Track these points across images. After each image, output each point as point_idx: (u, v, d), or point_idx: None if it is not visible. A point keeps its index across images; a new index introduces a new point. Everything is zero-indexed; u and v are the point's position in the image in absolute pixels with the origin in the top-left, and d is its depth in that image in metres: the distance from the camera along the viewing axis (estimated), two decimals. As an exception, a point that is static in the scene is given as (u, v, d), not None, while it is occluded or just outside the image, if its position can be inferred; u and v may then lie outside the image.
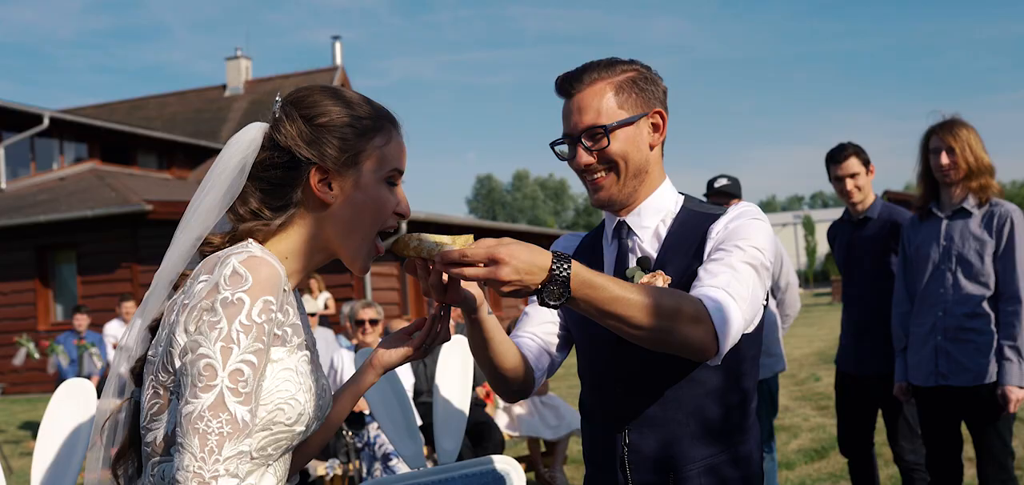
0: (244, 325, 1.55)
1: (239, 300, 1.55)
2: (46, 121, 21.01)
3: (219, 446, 1.51)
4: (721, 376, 2.14)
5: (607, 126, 2.12)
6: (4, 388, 17.64)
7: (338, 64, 25.23)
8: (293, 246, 1.76)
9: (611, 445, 2.20)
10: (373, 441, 6.64)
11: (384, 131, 1.79)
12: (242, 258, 1.59)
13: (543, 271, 1.77)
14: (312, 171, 1.72)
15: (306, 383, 1.69)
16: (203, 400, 1.52)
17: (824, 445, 8.04)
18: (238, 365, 1.54)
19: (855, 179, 4.93)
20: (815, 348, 16.90)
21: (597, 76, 2.16)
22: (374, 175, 1.76)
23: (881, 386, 4.90)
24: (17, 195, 20.31)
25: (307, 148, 1.71)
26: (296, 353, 1.69)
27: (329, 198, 1.73)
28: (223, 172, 1.72)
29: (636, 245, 2.21)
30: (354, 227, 1.76)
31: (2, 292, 18.43)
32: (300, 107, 1.75)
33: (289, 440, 1.71)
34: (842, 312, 5.21)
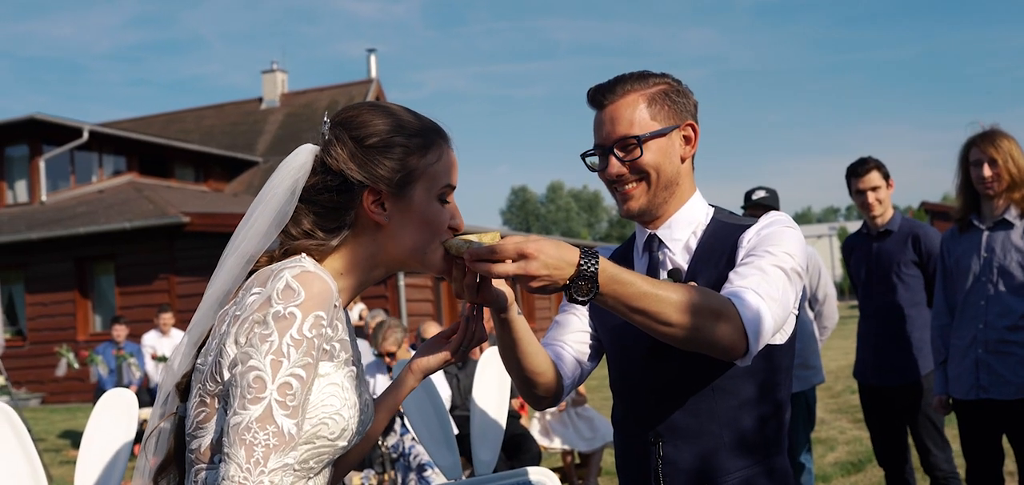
0: (295, 339, 1.56)
1: (291, 314, 1.56)
2: (86, 135, 21.29)
3: (265, 458, 1.52)
4: (755, 387, 2.13)
5: (640, 137, 2.13)
6: (44, 397, 17.88)
7: (373, 76, 25.37)
8: (348, 264, 1.77)
9: (644, 457, 2.19)
10: (408, 451, 6.66)
11: (435, 148, 1.78)
12: (296, 273, 1.60)
13: (571, 266, 1.78)
14: (365, 194, 1.72)
15: (351, 399, 1.70)
16: (252, 412, 1.53)
17: (861, 458, 7.96)
18: (287, 379, 1.55)
19: (876, 192, 4.98)
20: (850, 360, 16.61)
21: (629, 88, 2.17)
22: (427, 193, 1.76)
23: (903, 397, 4.89)
24: (57, 208, 20.59)
25: (359, 171, 1.71)
26: (343, 368, 1.70)
27: (382, 219, 1.74)
28: (274, 195, 1.72)
29: (667, 257, 2.21)
30: (411, 244, 1.77)
31: (42, 303, 18.69)
32: (350, 128, 1.74)
33: (331, 454, 1.71)
34: (859, 325, 5.21)
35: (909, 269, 4.89)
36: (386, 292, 16.15)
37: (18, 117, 21.20)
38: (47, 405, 17.55)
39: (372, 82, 25.17)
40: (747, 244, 2.11)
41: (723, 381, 2.11)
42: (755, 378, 2.13)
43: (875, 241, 5.06)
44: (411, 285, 16.67)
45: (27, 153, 21.52)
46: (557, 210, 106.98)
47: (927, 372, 4.84)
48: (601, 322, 2.32)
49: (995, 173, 4.24)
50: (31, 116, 20.87)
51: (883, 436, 5.13)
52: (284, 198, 1.72)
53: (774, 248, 2.06)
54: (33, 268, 18.71)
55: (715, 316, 1.88)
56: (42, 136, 21.37)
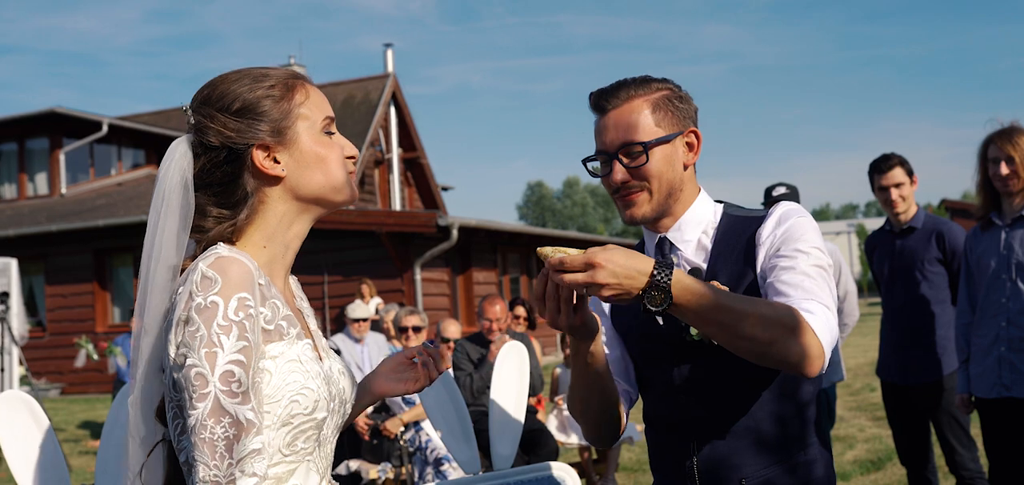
0: (222, 326, 1.54)
1: (213, 303, 1.55)
2: (105, 128, 21.41)
3: (228, 449, 1.51)
4: (785, 379, 2.12)
5: (646, 143, 2.10)
6: (63, 388, 18.02)
7: (390, 71, 25.37)
8: (266, 232, 1.76)
9: (680, 455, 2.18)
10: (425, 445, 6.67)
11: (299, 89, 1.79)
12: (209, 262, 1.59)
13: (644, 276, 1.79)
14: (253, 153, 1.72)
15: (313, 369, 1.69)
16: (201, 409, 1.52)
17: (880, 456, 7.92)
18: (227, 367, 1.53)
19: (900, 189, 4.95)
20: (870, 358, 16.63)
21: (633, 93, 2.14)
22: (311, 130, 1.77)
23: (927, 396, 4.86)
24: (77, 200, 20.73)
25: (239, 134, 1.72)
26: (297, 344, 1.69)
27: (279, 171, 1.74)
28: (170, 195, 1.70)
29: (681, 259, 2.19)
30: (317, 183, 1.77)
31: (62, 294, 18.82)
32: (213, 103, 1.74)
33: (315, 429, 1.70)
34: (882, 322, 5.18)
35: (933, 266, 4.86)
36: (402, 286, 16.18)
37: (39, 110, 21.38)
38: (66, 396, 17.68)
39: (388, 76, 25.19)
40: (767, 241, 2.09)
41: (753, 374, 2.09)
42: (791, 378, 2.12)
43: (898, 238, 5.02)
44: (428, 279, 16.69)
45: (47, 146, 21.68)
46: (573, 206, 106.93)
47: (951, 371, 4.81)
48: (621, 324, 2.31)
49: (1012, 171, 4.21)
50: (51, 109, 21.02)
51: (906, 435, 5.10)
52: (180, 193, 1.70)
53: (804, 246, 2.05)
54: (53, 260, 18.84)
55: (790, 331, 1.88)
56: (62, 129, 21.53)
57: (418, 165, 26.70)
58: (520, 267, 22.11)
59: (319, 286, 16.29)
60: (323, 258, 16.17)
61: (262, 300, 1.64)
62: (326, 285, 16.34)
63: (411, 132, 26.07)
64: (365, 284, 13.99)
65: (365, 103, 24.49)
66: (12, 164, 22.20)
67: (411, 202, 26.55)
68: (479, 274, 19.25)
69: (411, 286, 16.28)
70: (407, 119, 25.83)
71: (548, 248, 1.84)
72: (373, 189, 24.51)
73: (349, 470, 6.84)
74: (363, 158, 23.11)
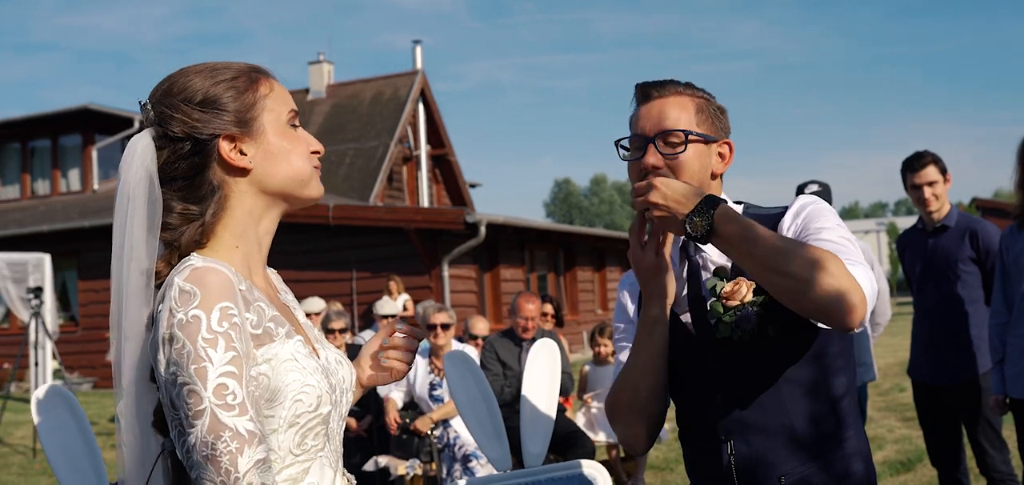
0: (208, 339, 1.50)
1: (194, 317, 1.50)
2: (136, 124, 21.09)
3: (234, 464, 1.47)
4: (819, 374, 2.12)
5: (687, 132, 2.13)
6: (95, 382, 18.21)
7: (419, 68, 25.44)
8: (236, 230, 1.72)
9: (717, 457, 2.17)
10: (453, 442, 6.69)
11: (263, 81, 1.76)
12: (185, 275, 1.54)
13: (691, 201, 1.95)
14: (219, 144, 1.69)
15: (310, 365, 1.66)
16: (198, 427, 1.48)
17: (910, 457, 7.86)
18: (219, 381, 1.49)
19: (933, 187, 4.89)
20: (899, 358, 16.49)
21: (681, 89, 2.19)
22: (276, 122, 1.74)
23: (959, 397, 4.81)
24: (108, 196, 20.93)
25: (204, 125, 1.68)
26: (288, 342, 1.65)
27: (246, 163, 1.71)
28: (135, 193, 1.66)
29: (706, 260, 2.18)
30: (290, 174, 1.74)
31: (94, 289, 19.02)
32: (177, 95, 1.70)
33: (322, 424, 1.68)
34: (914, 322, 5.13)
35: (966, 265, 4.81)
36: (430, 283, 16.22)
37: (72, 107, 21.61)
38: (98, 390, 17.87)
39: (417, 73, 25.25)
40: (790, 230, 2.10)
41: (787, 370, 2.09)
42: (820, 363, 2.12)
43: (931, 237, 4.97)
44: (455, 276, 16.73)
45: (80, 143, 21.91)
46: (600, 203, 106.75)
47: (985, 371, 4.76)
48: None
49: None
50: (84, 106, 21.24)
51: (937, 436, 5.05)
52: (146, 189, 1.66)
53: (828, 223, 2.06)
54: (85, 255, 19.04)
55: (831, 274, 1.87)
56: (95, 126, 21.75)
57: (446, 162, 26.76)
58: (547, 265, 22.10)
59: (347, 282, 16.36)
60: (351, 255, 16.24)
61: (246, 306, 1.60)
62: (354, 281, 16.41)
63: (439, 129, 26.13)
64: (393, 281, 14.05)
65: (394, 100, 24.57)
66: (45, 160, 22.46)
67: (439, 199, 26.61)
68: (506, 271, 19.26)
69: (439, 283, 16.32)
70: (435, 116, 25.89)
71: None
72: (401, 186, 24.58)
73: (378, 466, 6.87)
74: (391, 155, 23.19)
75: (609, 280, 24.74)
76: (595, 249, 24.48)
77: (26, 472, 9.61)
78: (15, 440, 11.37)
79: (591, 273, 24.06)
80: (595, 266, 24.34)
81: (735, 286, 2.07)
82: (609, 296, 24.55)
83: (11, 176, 22.83)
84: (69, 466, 2.78)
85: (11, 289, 14.37)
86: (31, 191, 22.46)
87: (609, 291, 24.61)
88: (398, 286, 14.05)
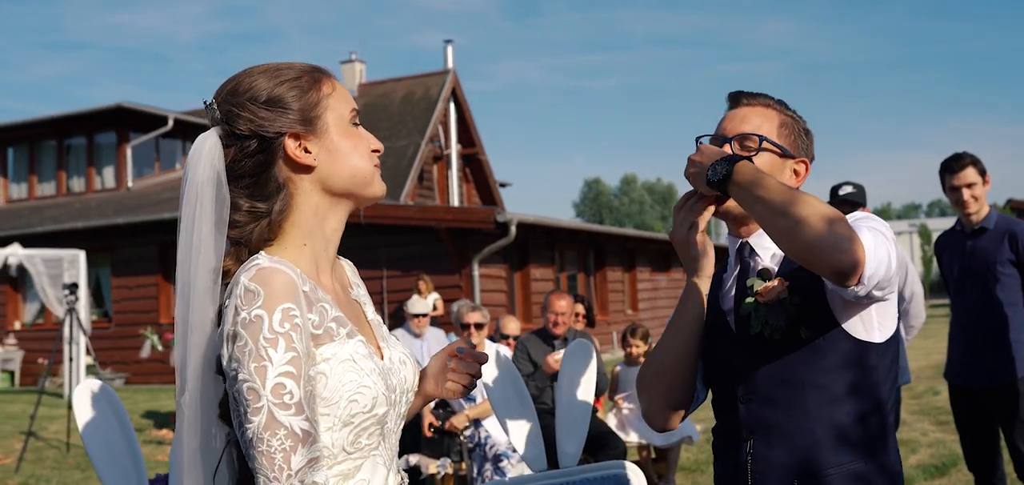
0: (269, 339, 1.55)
1: (257, 317, 1.55)
2: (170, 123, 21.82)
3: (286, 461, 1.53)
4: (849, 383, 2.10)
5: (763, 137, 2.21)
6: (128, 378, 18.40)
7: (450, 67, 25.47)
8: (304, 228, 1.75)
9: (736, 454, 2.18)
10: (484, 442, 6.70)
11: (326, 81, 1.79)
12: (251, 275, 1.59)
13: (717, 155, 2.09)
14: (285, 141, 1.72)
15: (367, 366, 1.68)
16: (256, 423, 1.53)
17: (944, 461, 7.78)
18: (277, 380, 1.54)
19: (972, 189, 4.84)
20: (933, 361, 16.34)
21: (770, 102, 2.28)
22: (339, 120, 1.77)
23: (997, 400, 4.76)
24: (142, 193, 21.15)
25: (269, 123, 1.71)
26: (348, 343, 1.68)
27: (310, 160, 1.73)
28: (203, 192, 1.68)
29: (758, 263, 2.21)
30: (352, 172, 1.77)
31: (127, 286, 19.22)
32: (243, 94, 1.73)
33: (377, 424, 1.71)
34: (951, 324, 5.08)
35: (1005, 268, 4.76)
36: (460, 282, 16.25)
37: (106, 105, 21.83)
38: (130, 385, 18.05)
39: (449, 73, 25.29)
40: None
41: (815, 376, 2.09)
42: (850, 374, 2.10)
43: (970, 239, 4.93)
44: (486, 276, 16.74)
45: (115, 140, 22.15)
46: (630, 203, 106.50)
47: (1023, 374, 4.71)
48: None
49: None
50: (119, 104, 21.45)
51: (974, 439, 5.00)
52: (213, 188, 1.69)
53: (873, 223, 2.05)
54: (119, 252, 19.24)
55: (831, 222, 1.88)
56: (129, 124, 21.98)
57: (477, 161, 26.78)
58: (577, 264, 22.07)
59: (378, 281, 16.42)
60: (382, 253, 16.30)
61: (309, 306, 1.64)
62: (385, 280, 16.47)
63: (470, 128, 26.16)
64: (423, 280, 14.08)
65: (425, 99, 24.63)
66: (81, 158, 22.73)
67: (469, 198, 26.64)
68: (536, 271, 19.26)
69: (469, 282, 16.35)
70: (466, 115, 25.92)
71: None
72: (432, 185, 24.64)
73: (409, 465, 6.90)
74: (422, 154, 23.24)
75: (639, 280, 24.67)
76: (625, 249, 24.41)
77: (60, 466, 9.72)
78: (49, 434, 11.51)
79: (621, 273, 24.00)
80: (625, 266, 24.27)
81: (768, 286, 2.10)
82: (639, 296, 24.48)
83: (47, 173, 23.11)
84: (109, 461, 2.82)
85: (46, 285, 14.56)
86: (66, 188, 22.73)
87: (639, 291, 24.54)
88: (428, 285, 14.08)
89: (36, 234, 18.57)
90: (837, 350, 2.10)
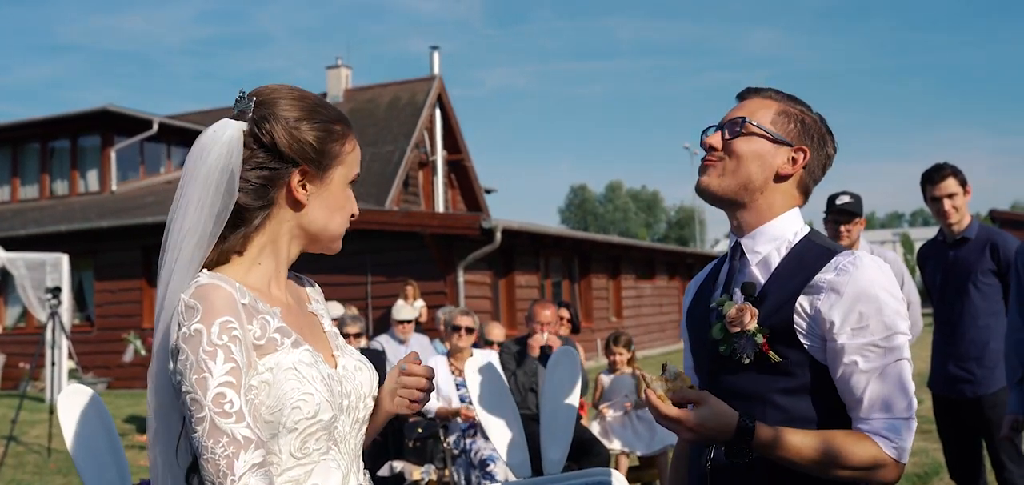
0: (208, 351, 1.60)
1: (197, 331, 1.62)
2: (155, 126, 21.73)
3: (230, 466, 1.58)
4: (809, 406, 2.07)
5: (746, 119, 2.18)
6: (110, 382, 18.29)
7: (436, 73, 25.48)
8: (271, 245, 1.82)
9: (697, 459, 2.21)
10: (469, 448, 6.69)
11: (351, 137, 1.86)
12: (190, 292, 1.65)
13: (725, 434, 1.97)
14: (293, 172, 1.78)
15: (311, 374, 1.72)
16: (199, 432, 1.59)
17: (927, 470, 7.82)
18: (218, 391, 1.60)
19: (953, 200, 4.86)
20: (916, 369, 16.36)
21: (773, 94, 2.25)
22: (343, 179, 1.85)
23: (979, 410, 4.79)
24: (126, 197, 21.06)
25: (289, 149, 1.77)
26: (293, 352, 1.73)
27: (303, 198, 1.80)
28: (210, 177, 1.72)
29: (746, 269, 2.18)
30: (324, 227, 1.84)
31: (110, 290, 19.12)
32: (281, 110, 1.78)
33: (323, 430, 1.74)
34: (934, 334, 5.10)
35: (986, 278, 4.79)
36: (445, 288, 16.24)
37: (91, 108, 21.76)
38: (113, 390, 17.94)
39: (435, 79, 25.29)
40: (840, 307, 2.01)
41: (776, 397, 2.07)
42: (813, 399, 2.07)
43: (951, 249, 4.95)
44: (470, 282, 16.74)
45: (99, 144, 22.05)
46: (615, 210, 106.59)
47: (1004, 385, 4.72)
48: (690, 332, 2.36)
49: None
50: (103, 107, 21.38)
51: (956, 449, 5.03)
52: (226, 178, 1.73)
53: (887, 339, 2.02)
54: (102, 256, 19.14)
55: (867, 469, 2.02)
56: (113, 127, 21.89)
57: (462, 167, 26.78)
58: (562, 271, 22.10)
59: (363, 286, 16.40)
60: (367, 259, 16.28)
61: (249, 318, 1.69)
62: (369, 286, 16.45)
63: (456, 134, 26.16)
64: (409, 285, 14.08)
65: (411, 105, 24.62)
66: (65, 161, 22.61)
67: (455, 204, 26.64)
68: (521, 277, 19.27)
69: (454, 288, 16.34)
70: (452, 121, 25.92)
71: (649, 376, 1.98)
72: (417, 191, 24.63)
73: (393, 471, 6.88)
74: (408, 160, 23.23)
75: (624, 288, 24.71)
76: (610, 256, 24.45)
77: (41, 471, 9.66)
78: (30, 439, 11.44)
79: (606, 280, 24.03)
80: (610, 273, 24.31)
81: (739, 312, 2.07)
82: (624, 304, 24.51)
83: (30, 176, 22.98)
84: (93, 466, 2.81)
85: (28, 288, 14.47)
86: (50, 191, 22.61)
87: (623, 298, 24.57)
88: (414, 291, 14.07)
89: (19, 237, 18.44)
90: (802, 375, 2.07)
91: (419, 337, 9.61)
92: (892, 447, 2.02)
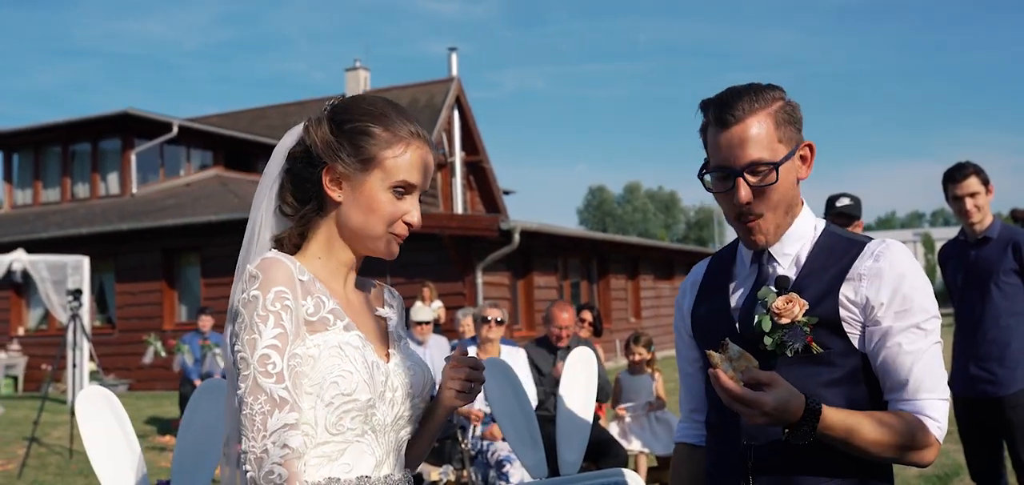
0: (261, 315, 1.73)
1: (254, 297, 1.75)
2: (175, 129, 21.85)
3: (264, 423, 1.69)
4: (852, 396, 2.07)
5: (776, 163, 2.05)
6: (131, 384, 18.41)
7: (454, 75, 25.51)
8: (322, 243, 1.94)
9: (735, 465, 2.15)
10: (487, 448, 6.70)
11: (402, 143, 1.90)
12: (255, 263, 1.80)
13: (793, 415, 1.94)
14: (325, 170, 1.89)
15: (354, 355, 1.81)
16: (243, 388, 1.71)
17: (947, 471, 7.77)
18: (264, 351, 1.71)
19: (975, 199, 4.83)
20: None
21: (757, 106, 2.06)
22: (381, 183, 1.89)
23: (1000, 411, 4.75)
24: (146, 200, 21.17)
25: (323, 149, 1.88)
26: (343, 334, 1.83)
27: (337, 196, 1.90)
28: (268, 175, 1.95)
29: (776, 270, 2.16)
30: (361, 227, 1.91)
31: (131, 292, 19.24)
32: (336, 112, 1.92)
33: (360, 411, 1.81)
34: (954, 334, 5.06)
35: (1008, 277, 4.75)
36: (464, 289, 16.26)
37: (111, 112, 21.87)
38: (133, 392, 18.05)
39: (453, 80, 25.33)
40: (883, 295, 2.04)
41: (818, 389, 2.04)
42: (854, 388, 2.08)
43: (973, 248, 4.92)
44: (489, 283, 16.75)
45: (119, 147, 22.18)
46: (634, 211, 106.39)
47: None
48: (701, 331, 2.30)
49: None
50: (124, 111, 21.50)
51: (977, 450, 4.99)
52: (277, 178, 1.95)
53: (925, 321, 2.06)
54: (123, 258, 19.26)
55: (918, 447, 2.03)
56: (134, 130, 22.01)
57: (480, 169, 26.81)
58: (581, 272, 22.07)
59: (381, 288, 16.42)
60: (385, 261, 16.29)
61: (304, 294, 1.81)
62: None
63: (474, 136, 26.19)
64: (427, 287, 14.09)
65: (429, 107, 24.66)
66: (85, 164, 22.76)
67: (473, 206, 26.66)
68: (540, 278, 19.26)
69: (472, 289, 16.35)
70: (470, 123, 25.95)
71: (716, 356, 1.94)
72: (436, 192, 24.67)
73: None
74: (425, 161, 23.24)
75: (642, 288, 24.65)
76: (629, 257, 24.40)
77: (63, 472, 9.73)
78: (52, 440, 11.52)
79: (624, 281, 23.99)
80: (628, 274, 24.26)
81: (788, 303, 2.04)
82: (642, 304, 24.46)
83: (52, 179, 23.15)
84: (112, 468, 2.82)
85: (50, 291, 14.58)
86: (71, 194, 22.77)
87: (642, 299, 24.52)
88: (432, 292, 14.08)
89: (40, 240, 18.58)
90: (845, 364, 2.07)
91: (437, 338, 9.61)
92: (937, 427, 2.04)
